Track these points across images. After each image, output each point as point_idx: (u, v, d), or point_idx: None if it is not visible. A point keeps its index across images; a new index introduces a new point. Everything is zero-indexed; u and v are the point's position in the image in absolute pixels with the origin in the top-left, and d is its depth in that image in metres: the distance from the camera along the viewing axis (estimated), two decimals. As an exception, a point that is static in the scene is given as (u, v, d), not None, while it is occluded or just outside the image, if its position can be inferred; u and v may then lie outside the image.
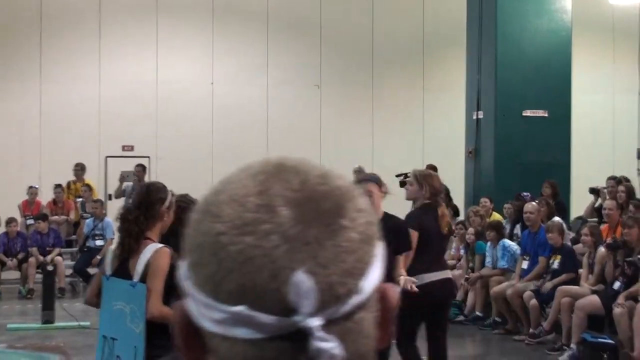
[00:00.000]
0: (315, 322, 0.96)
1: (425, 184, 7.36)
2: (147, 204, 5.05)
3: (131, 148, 22.48)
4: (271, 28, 23.32)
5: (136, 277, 4.81)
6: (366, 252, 1.01)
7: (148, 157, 22.38)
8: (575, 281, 10.67)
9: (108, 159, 21.96)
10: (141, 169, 17.05)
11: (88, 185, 17.02)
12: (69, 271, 15.79)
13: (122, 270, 4.93)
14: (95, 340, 5.30)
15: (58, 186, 16.99)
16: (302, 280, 0.96)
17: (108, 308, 4.97)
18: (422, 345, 7.53)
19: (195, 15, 22.97)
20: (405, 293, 6.09)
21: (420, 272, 6.88)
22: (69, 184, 17.67)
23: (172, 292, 4.78)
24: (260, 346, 0.97)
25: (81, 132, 22.08)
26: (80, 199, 16.87)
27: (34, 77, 22.04)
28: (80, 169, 17.08)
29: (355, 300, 0.99)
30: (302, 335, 0.96)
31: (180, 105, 22.67)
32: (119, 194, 17.03)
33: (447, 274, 7.51)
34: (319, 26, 23.52)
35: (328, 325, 0.97)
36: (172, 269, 4.79)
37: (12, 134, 21.72)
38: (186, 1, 22.91)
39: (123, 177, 17.07)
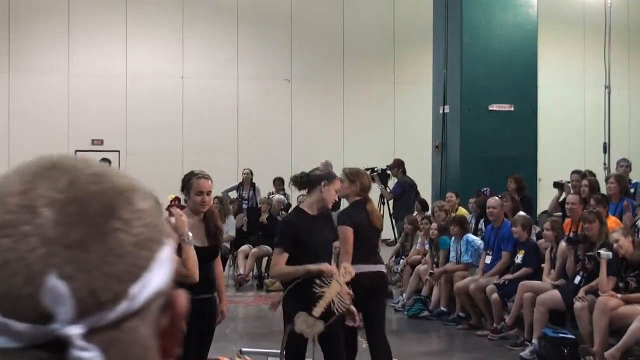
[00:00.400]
0: (74, 330, 0.88)
1: (357, 181, 7.60)
2: None
3: (101, 142, 22.32)
4: (241, 21, 23.19)
5: None
6: (141, 256, 0.93)
7: (118, 151, 22.24)
8: (539, 276, 10.64)
9: (77, 152, 21.69)
10: (106, 164, 16.85)
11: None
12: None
13: None
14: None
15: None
16: (57, 285, 0.88)
17: None
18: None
19: (165, 8, 22.80)
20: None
21: (356, 264, 7.07)
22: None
23: None
24: (15, 356, 0.89)
25: (50, 125, 21.90)
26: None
27: (2, 69, 21.83)
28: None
29: (124, 307, 0.91)
30: (62, 345, 0.88)
31: (150, 98, 22.52)
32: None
33: (380, 267, 7.78)
34: (290, 20, 23.42)
35: (91, 334, 0.89)
36: None
37: (-21, 127, 21.51)
38: (156, -6, 22.74)
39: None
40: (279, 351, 7.55)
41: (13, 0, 22.00)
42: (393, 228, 15.47)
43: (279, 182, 18.11)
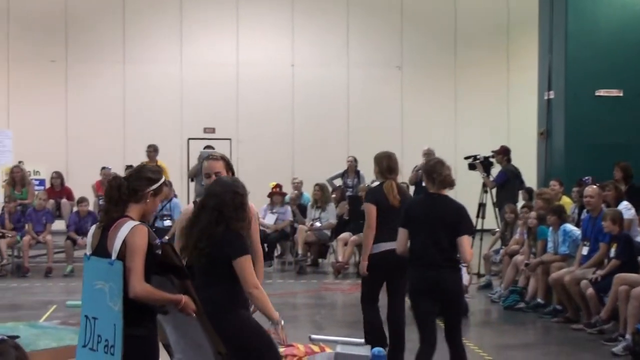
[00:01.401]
0: None
1: (376, 165, 8.38)
2: (134, 178, 4.98)
3: (212, 130, 22.60)
4: (352, 8, 23.07)
5: (114, 255, 4.73)
6: None
7: (229, 139, 22.52)
8: (637, 268, 10.14)
9: (190, 140, 22.06)
10: (152, 149, 17.07)
11: (159, 166, 17.12)
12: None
13: (101, 248, 4.86)
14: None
15: (129, 167, 17.16)
16: None
17: (89, 288, 4.91)
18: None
19: (275, -4, 22.92)
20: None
21: (378, 242, 7.99)
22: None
23: (150, 270, 4.79)
24: None
25: (163, 114, 22.35)
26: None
27: (117, 59, 22.37)
28: (152, 150, 17.17)
29: None
30: None
31: (261, 87, 22.67)
32: (192, 173, 17.12)
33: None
34: (401, 6, 23.15)
35: None
36: (150, 247, 4.76)
37: (96, 115, 22.10)
38: (266, -17, 22.84)
39: (201, 157, 17.08)
40: (346, 339, 7.49)
41: (128, -9, 22.53)
42: (496, 217, 15.05)
43: (380, 170, 17.87)
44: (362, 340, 7.52)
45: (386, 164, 8.32)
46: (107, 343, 4.74)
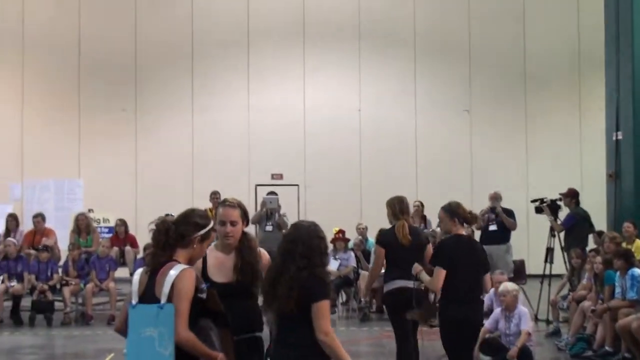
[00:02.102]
0: None
1: (389, 208, 9.14)
2: (182, 222, 4.94)
3: (280, 176, 22.59)
4: (419, 52, 22.96)
5: (163, 299, 4.69)
6: None
7: (297, 185, 22.44)
8: None
9: (258, 187, 22.07)
10: (216, 196, 17.06)
11: (208, 212, 17.13)
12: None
13: (149, 294, 4.81)
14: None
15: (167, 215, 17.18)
16: None
17: (135, 336, 4.82)
18: None
19: (341, 41, 22.92)
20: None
21: (392, 279, 8.67)
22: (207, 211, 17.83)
23: (193, 314, 4.74)
24: None
25: (232, 160, 22.44)
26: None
27: (186, 108, 22.61)
28: (216, 196, 17.21)
29: None
30: None
31: (328, 132, 22.64)
32: (255, 219, 17.03)
33: (406, 283, 8.48)
34: (468, 49, 22.95)
35: None
36: (195, 291, 4.74)
37: (165, 163, 22.31)
38: (332, 28, 22.89)
39: (264, 204, 17.04)
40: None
41: (195, 41, 22.77)
42: (565, 262, 14.60)
43: (446, 214, 17.56)
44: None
45: (398, 207, 9.09)
46: None
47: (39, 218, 16.71)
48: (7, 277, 15.34)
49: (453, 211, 8.10)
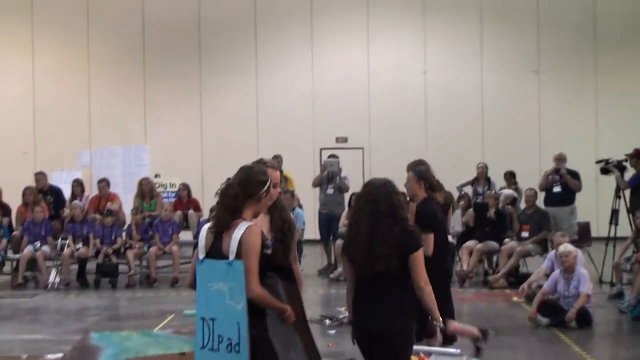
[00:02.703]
0: None
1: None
2: (247, 183, 5.04)
3: (345, 140, 22.53)
4: (485, 11, 22.59)
5: (231, 256, 4.81)
6: None
7: (362, 148, 22.39)
8: None
9: (322, 150, 22.06)
10: (278, 159, 16.89)
11: (286, 177, 17.15)
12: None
13: (215, 251, 4.94)
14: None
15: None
16: None
17: (204, 290, 4.98)
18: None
19: (406, 2, 22.66)
20: None
21: None
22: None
23: (261, 270, 4.87)
24: None
25: (296, 124, 22.45)
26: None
27: (250, 72, 22.65)
28: (278, 160, 17.24)
29: None
30: None
31: (393, 95, 22.48)
32: (316, 182, 17.04)
33: None
34: (537, 10, 22.48)
35: None
36: (262, 247, 4.87)
37: (230, 127, 22.43)
38: (396, -10, 22.65)
39: (325, 167, 17.04)
40: (442, 349, 7.24)
41: (258, 5, 22.75)
42: (630, 224, 14.27)
43: (509, 176, 17.35)
44: (458, 351, 7.28)
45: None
46: (230, 342, 4.83)
47: (104, 183, 16.99)
48: (73, 239, 15.67)
49: (422, 175, 7.94)
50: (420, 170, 8.01)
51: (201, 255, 5.01)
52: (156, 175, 19.52)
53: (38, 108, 22.76)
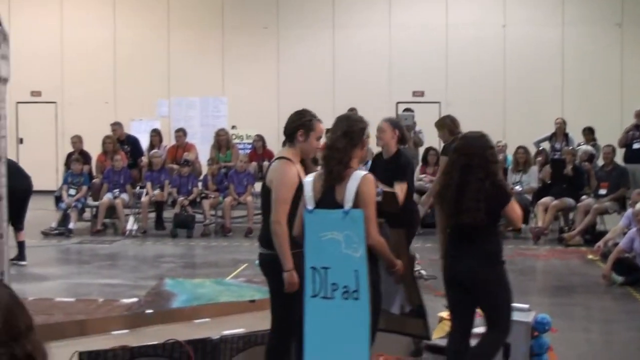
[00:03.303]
0: None
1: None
2: (351, 133, 5.12)
3: (421, 93, 22.37)
4: (567, -36, 22.05)
5: (347, 205, 4.87)
6: None
7: (439, 102, 22.20)
8: None
9: (399, 104, 21.95)
10: (411, 114, 16.80)
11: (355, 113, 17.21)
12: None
13: (328, 201, 5.00)
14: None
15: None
16: None
17: (314, 240, 5.02)
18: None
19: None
20: None
21: None
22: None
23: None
24: None
25: (372, 77, 22.35)
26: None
27: (326, 24, 22.57)
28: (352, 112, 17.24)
29: None
30: None
31: (471, 49, 22.18)
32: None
33: None
34: (621, -41, 21.86)
35: None
36: None
37: (307, 80, 22.44)
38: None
39: (400, 120, 16.93)
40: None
41: (337, -44, 22.63)
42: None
43: (588, 132, 17.04)
44: (527, 306, 7.23)
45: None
46: (347, 289, 4.89)
47: (181, 133, 17.20)
48: (152, 186, 15.96)
49: (396, 124, 8.04)
50: (395, 120, 8.25)
51: (310, 206, 5.04)
52: (233, 127, 19.69)
53: (119, 59, 23.09)
